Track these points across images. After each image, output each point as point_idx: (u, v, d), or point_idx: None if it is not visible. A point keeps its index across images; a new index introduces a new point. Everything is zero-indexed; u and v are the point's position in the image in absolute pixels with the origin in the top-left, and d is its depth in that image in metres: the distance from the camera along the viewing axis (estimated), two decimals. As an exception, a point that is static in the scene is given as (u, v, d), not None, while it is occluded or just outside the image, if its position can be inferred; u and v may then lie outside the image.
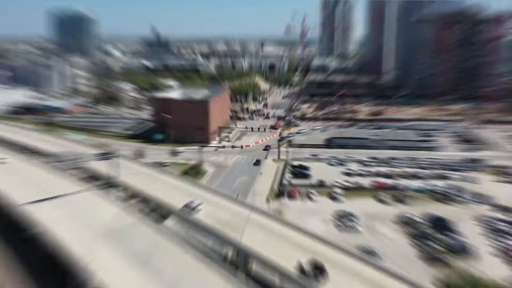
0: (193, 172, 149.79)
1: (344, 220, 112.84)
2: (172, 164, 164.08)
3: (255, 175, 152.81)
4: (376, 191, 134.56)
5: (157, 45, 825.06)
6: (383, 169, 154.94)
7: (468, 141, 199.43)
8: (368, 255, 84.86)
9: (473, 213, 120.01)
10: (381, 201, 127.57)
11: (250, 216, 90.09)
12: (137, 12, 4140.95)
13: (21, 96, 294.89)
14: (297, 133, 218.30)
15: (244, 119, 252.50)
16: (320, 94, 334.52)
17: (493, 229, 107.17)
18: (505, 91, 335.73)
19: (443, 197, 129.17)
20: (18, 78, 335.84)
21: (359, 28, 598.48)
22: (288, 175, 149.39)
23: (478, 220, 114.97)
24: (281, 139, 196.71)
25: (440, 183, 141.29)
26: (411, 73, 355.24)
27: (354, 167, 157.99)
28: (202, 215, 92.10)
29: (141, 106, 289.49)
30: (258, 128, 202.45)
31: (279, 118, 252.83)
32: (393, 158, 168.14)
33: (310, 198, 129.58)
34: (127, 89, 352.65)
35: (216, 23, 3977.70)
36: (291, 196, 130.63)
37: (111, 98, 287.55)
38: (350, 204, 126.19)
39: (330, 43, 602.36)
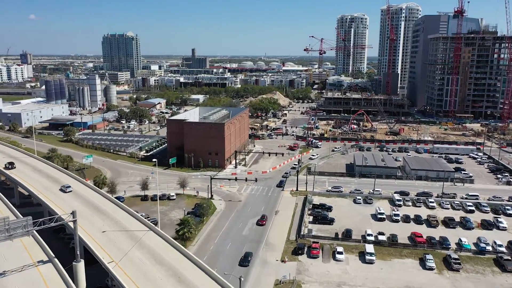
0: (201, 207, 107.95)
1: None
2: (179, 197, 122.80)
3: (270, 214, 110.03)
4: (417, 248, 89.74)
5: (194, 63, 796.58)
6: (420, 212, 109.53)
7: (500, 170, 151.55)
8: None
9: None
10: (426, 266, 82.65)
11: None
12: (182, 35, 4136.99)
13: (55, 110, 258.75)
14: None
15: (263, 137, 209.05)
16: (337, 110, 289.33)
17: None
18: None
19: (506, 261, 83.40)
20: (56, 93, 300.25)
21: (374, 44, 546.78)
22: (307, 218, 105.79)
23: None
24: (298, 164, 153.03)
25: (494, 236, 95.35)
26: (425, 90, 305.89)
27: (384, 207, 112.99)
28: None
29: (165, 123, 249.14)
30: (276, 153, 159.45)
31: (298, 137, 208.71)
32: (427, 194, 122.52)
33: (335, 258, 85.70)
34: (157, 103, 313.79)
35: (246, 44, 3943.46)
36: (312, 253, 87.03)
37: (137, 114, 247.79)
38: (387, 270, 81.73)
39: (346, 59, 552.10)
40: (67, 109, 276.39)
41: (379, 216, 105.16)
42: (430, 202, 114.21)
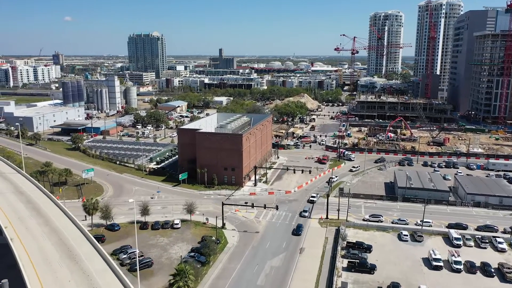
0: (207, 244, 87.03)
1: None
2: (186, 225, 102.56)
3: (294, 254, 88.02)
4: (493, 318, 65.73)
5: (221, 63, 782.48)
6: (486, 256, 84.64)
7: None
8: None
9: None
10: None
11: None
12: (211, 35, 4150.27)
13: (70, 114, 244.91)
14: (350, 170, 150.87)
15: (288, 147, 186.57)
16: (371, 115, 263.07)
17: None
18: None
19: None
20: (74, 95, 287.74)
21: (410, 42, 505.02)
22: (340, 263, 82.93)
23: None
24: (329, 184, 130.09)
25: None
26: (469, 94, 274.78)
27: (439, 246, 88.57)
28: None
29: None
30: (302, 170, 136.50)
31: (327, 147, 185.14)
32: (492, 229, 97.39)
33: (380, 330, 62.88)
34: (177, 106, 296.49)
35: (274, 44, 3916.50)
36: (347, 321, 64.58)
37: (153, 118, 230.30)
38: None
39: (379, 59, 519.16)
40: (83, 112, 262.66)
41: (435, 263, 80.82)
42: (499, 242, 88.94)
